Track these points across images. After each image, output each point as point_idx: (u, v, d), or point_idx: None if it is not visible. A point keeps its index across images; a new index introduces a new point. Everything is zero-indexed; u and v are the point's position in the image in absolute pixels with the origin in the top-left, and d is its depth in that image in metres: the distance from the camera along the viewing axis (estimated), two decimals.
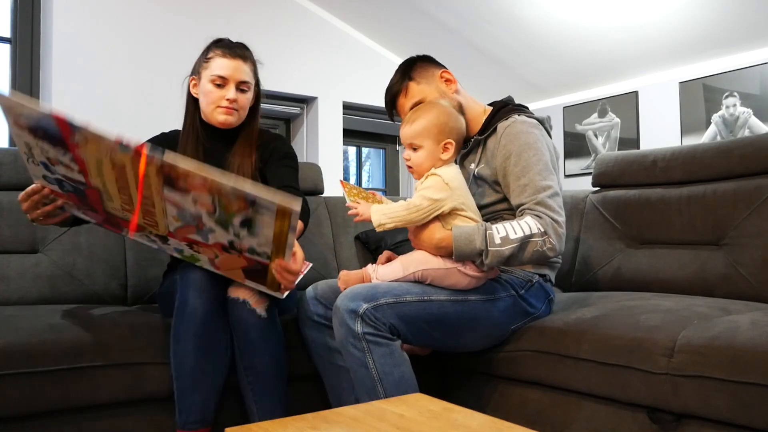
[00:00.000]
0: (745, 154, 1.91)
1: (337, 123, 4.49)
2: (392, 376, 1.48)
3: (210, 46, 1.82)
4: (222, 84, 1.77)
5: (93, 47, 3.51)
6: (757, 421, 1.23)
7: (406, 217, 1.52)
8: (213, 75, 1.76)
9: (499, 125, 1.71)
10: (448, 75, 1.80)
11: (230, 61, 1.77)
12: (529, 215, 1.55)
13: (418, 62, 1.81)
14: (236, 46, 1.82)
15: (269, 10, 4.16)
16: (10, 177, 2.00)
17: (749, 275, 1.79)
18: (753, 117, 3.55)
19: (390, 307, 1.50)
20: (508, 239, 1.50)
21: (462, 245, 1.50)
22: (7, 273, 1.88)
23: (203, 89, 1.79)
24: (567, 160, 4.52)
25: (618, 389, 1.46)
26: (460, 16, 3.98)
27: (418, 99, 1.76)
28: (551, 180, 1.61)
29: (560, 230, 1.55)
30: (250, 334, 1.56)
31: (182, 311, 1.51)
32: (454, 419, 1.07)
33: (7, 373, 1.39)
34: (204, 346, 1.51)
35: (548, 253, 1.53)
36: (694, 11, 3.39)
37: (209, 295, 1.52)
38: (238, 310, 1.57)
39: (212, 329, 1.52)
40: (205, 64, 1.79)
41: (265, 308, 1.57)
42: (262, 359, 1.56)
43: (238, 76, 1.78)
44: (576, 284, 2.23)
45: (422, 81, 1.77)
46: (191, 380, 1.50)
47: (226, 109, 1.78)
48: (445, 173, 1.55)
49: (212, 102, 1.78)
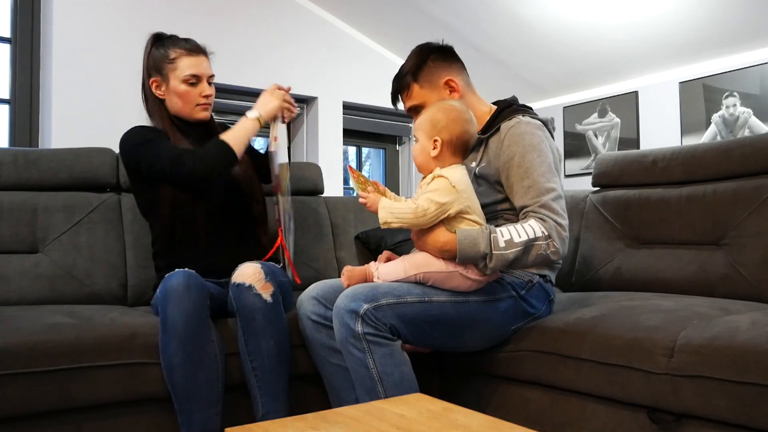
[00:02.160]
0: (745, 154, 1.91)
1: (337, 123, 4.49)
2: (392, 377, 1.48)
3: (165, 46, 1.84)
4: (195, 82, 1.82)
5: (93, 47, 3.51)
6: (757, 421, 1.23)
7: (413, 220, 1.52)
8: (185, 75, 1.81)
9: (502, 125, 1.70)
10: (453, 83, 1.76)
11: (196, 58, 1.84)
12: (533, 218, 1.55)
13: (429, 61, 1.77)
14: (194, 42, 1.87)
15: (269, 10, 4.15)
16: (10, 177, 2.00)
17: (749, 275, 1.79)
18: (753, 117, 3.55)
19: (390, 307, 1.50)
20: (512, 243, 1.50)
21: (466, 248, 1.50)
22: (7, 273, 1.88)
23: (176, 90, 1.82)
24: (567, 160, 4.52)
25: (618, 389, 1.46)
26: (460, 16, 3.98)
27: (418, 103, 1.76)
28: (555, 182, 1.60)
29: (564, 234, 1.55)
30: (256, 318, 1.58)
31: (164, 325, 1.52)
32: (454, 419, 1.07)
33: (7, 373, 1.39)
34: (191, 360, 1.49)
35: (552, 256, 1.53)
36: (694, 11, 3.39)
37: (187, 306, 1.50)
38: (244, 294, 1.58)
39: (196, 341, 1.51)
40: (170, 65, 1.82)
41: (271, 294, 1.60)
42: (267, 344, 1.58)
43: (207, 71, 1.86)
44: (576, 284, 2.23)
45: (425, 85, 1.76)
46: (185, 395, 1.49)
47: (204, 105, 1.85)
48: (451, 175, 1.54)
49: (191, 101, 1.83)
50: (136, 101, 1.87)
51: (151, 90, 1.86)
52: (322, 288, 1.71)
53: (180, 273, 1.56)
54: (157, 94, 1.86)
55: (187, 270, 1.59)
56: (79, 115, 3.42)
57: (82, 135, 3.31)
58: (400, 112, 1.87)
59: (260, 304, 1.58)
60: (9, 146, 3.38)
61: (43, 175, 2.04)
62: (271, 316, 1.60)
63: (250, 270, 1.62)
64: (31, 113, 3.42)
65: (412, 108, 1.79)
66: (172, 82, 1.82)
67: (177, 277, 1.54)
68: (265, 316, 1.59)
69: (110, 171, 2.13)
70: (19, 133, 3.39)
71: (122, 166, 2.15)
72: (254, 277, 1.60)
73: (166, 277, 1.59)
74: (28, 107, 3.42)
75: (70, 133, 3.36)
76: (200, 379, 1.50)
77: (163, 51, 1.84)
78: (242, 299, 1.59)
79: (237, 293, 1.60)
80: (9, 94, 3.39)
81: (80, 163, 2.09)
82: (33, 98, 3.43)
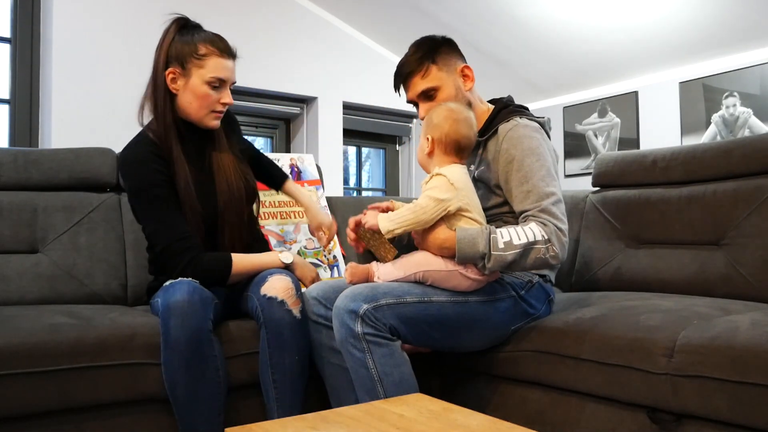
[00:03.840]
0: (745, 154, 1.91)
1: (337, 123, 4.49)
2: (392, 377, 1.48)
3: (195, 38, 1.66)
4: (218, 86, 1.67)
5: (93, 47, 3.51)
6: (757, 421, 1.23)
7: (413, 219, 1.52)
8: (211, 76, 1.65)
9: (500, 128, 1.70)
10: (468, 71, 1.77)
11: (227, 61, 1.67)
12: (533, 222, 1.55)
13: (444, 46, 1.75)
14: (226, 42, 1.71)
15: (269, 10, 4.15)
16: (10, 177, 2.00)
17: (749, 275, 1.79)
18: (753, 117, 3.55)
19: (390, 308, 1.50)
20: (511, 244, 1.50)
21: (465, 247, 1.50)
22: (7, 273, 1.88)
23: (196, 90, 1.65)
24: (567, 160, 4.52)
25: (618, 389, 1.46)
26: (461, 16, 3.98)
27: (435, 85, 1.72)
28: (554, 186, 1.60)
29: (564, 239, 1.55)
30: (284, 333, 1.57)
31: (167, 341, 1.48)
32: (454, 419, 1.07)
33: (7, 373, 1.39)
34: (193, 376, 1.47)
35: (551, 261, 1.53)
36: (694, 11, 3.39)
37: (191, 324, 1.46)
38: (275, 308, 1.57)
39: (200, 357, 1.48)
40: (197, 61, 1.64)
41: (299, 310, 1.60)
42: (291, 359, 1.57)
43: (233, 77, 1.71)
44: (576, 284, 2.23)
45: (444, 68, 1.73)
46: (187, 409, 1.48)
47: (218, 114, 1.70)
48: (449, 173, 1.55)
49: (208, 106, 1.68)
50: (136, 101, 1.77)
51: (165, 81, 1.66)
52: (323, 288, 1.72)
53: (184, 286, 1.49)
54: (171, 88, 1.67)
55: (190, 282, 1.52)
56: (79, 115, 3.42)
57: (82, 135, 3.31)
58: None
59: (289, 319, 1.58)
60: (9, 146, 3.38)
61: (43, 175, 2.04)
62: (298, 332, 1.60)
63: (283, 284, 1.60)
64: (31, 113, 3.42)
65: (424, 92, 1.73)
66: (193, 79, 1.65)
67: (181, 290, 1.48)
68: (293, 331, 1.58)
69: (110, 171, 2.13)
70: (19, 133, 3.39)
71: None
72: (287, 293, 1.59)
73: (168, 286, 1.54)
74: (28, 107, 3.42)
75: (70, 133, 3.36)
76: (202, 392, 1.49)
77: (191, 42, 1.65)
78: (272, 312, 1.57)
79: (267, 306, 1.58)
80: (9, 94, 3.40)
81: (80, 163, 2.09)
82: (33, 98, 3.43)
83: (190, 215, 1.66)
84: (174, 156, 1.67)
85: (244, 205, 1.78)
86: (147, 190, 1.64)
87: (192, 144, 1.74)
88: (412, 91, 1.76)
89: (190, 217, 1.66)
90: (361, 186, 5.16)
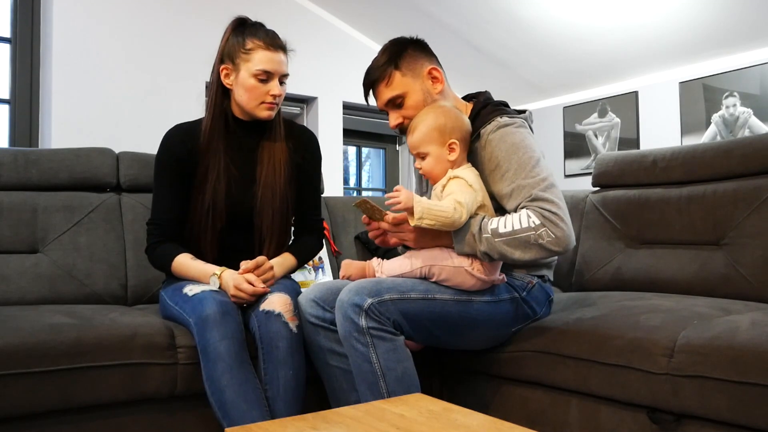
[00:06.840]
0: (745, 154, 1.91)
1: (337, 123, 4.49)
2: (395, 372, 1.48)
3: (245, 34, 1.74)
4: (266, 79, 1.72)
5: (93, 47, 3.51)
6: (757, 421, 1.23)
7: (447, 220, 1.48)
8: (257, 69, 1.70)
9: (482, 131, 1.65)
10: (437, 73, 1.71)
11: (273, 54, 1.72)
12: (524, 210, 1.52)
13: (408, 49, 1.71)
14: (275, 36, 1.76)
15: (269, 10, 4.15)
16: (10, 177, 2.00)
17: (749, 275, 1.79)
18: (753, 117, 3.55)
19: (394, 303, 1.50)
20: (497, 232, 1.49)
21: (460, 231, 1.51)
22: (7, 273, 1.88)
23: (244, 83, 1.72)
24: (567, 160, 4.52)
25: (618, 389, 1.46)
26: (460, 16, 3.98)
27: (400, 92, 1.68)
28: (544, 172, 1.55)
29: (559, 222, 1.48)
30: (279, 346, 1.56)
31: (206, 354, 1.50)
32: (454, 419, 1.07)
33: (7, 373, 1.39)
34: (238, 379, 1.49)
35: (550, 246, 1.47)
36: (694, 11, 3.39)
37: (227, 331, 1.50)
38: (273, 322, 1.57)
39: (243, 363, 1.51)
40: (244, 55, 1.71)
41: (296, 326, 1.60)
42: (286, 373, 1.56)
43: (282, 69, 1.75)
44: (576, 284, 2.23)
45: (408, 73, 1.69)
46: (239, 411, 1.47)
47: (269, 105, 1.75)
48: (465, 175, 1.55)
49: (257, 98, 1.73)
50: (137, 101, 1.81)
51: (220, 77, 1.76)
52: (321, 290, 1.69)
53: (210, 300, 1.55)
54: (225, 83, 1.75)
55: (213, 294, 1.58)
56: (79, 115, 3.42)
57: (82, 135, 3.31)
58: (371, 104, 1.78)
59: (286, 333, 1.57)
60: (9, 146, 3.38)
61: (43, 175, 2.04)
62: (295, 346, 1.58)
63: (281, 300, 1.61)
64: (31, 113, 3.42)
65: (390, 101, 1.70)
66: (242, 73, 1.72)
67: (210, 304, 1.54)
68: (289, 344, 1.57)
69: (110, 171, 2.13)
70: (19, 133, 3.39)
71: (122, 166, 2.16)
72: (285, 307, 1.59)
73: (195, 300, 1.57)
74: (28, 107, 3.42)
75: (70, 133, 3.36)
76: (251, 394, 1.50)
77: (240, 39, 1.73)
78: (269, 325, 1.57)
79: (264, 319, 1.58)
80: (9, 94, 3.40)
81: (80, 163, 2.09)
82: (33, 98, 3.43)
83: (211, 206, 1.73)
84: (211, 148, 1.75)
85: (278, 203, 1.80)
86: (156, 166, 1.78)
87: (238, 140, 1.80)
88: (380, 100, 1.73)
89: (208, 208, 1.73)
90: (361, 186, 5.16)
